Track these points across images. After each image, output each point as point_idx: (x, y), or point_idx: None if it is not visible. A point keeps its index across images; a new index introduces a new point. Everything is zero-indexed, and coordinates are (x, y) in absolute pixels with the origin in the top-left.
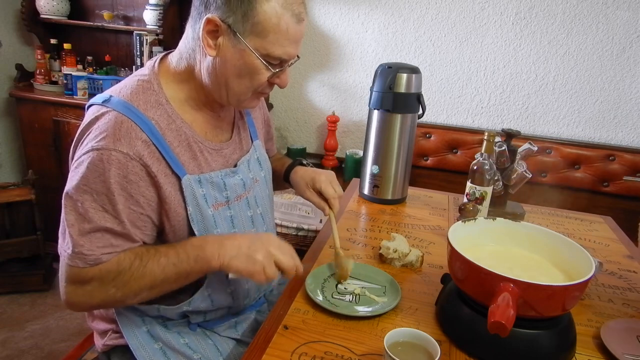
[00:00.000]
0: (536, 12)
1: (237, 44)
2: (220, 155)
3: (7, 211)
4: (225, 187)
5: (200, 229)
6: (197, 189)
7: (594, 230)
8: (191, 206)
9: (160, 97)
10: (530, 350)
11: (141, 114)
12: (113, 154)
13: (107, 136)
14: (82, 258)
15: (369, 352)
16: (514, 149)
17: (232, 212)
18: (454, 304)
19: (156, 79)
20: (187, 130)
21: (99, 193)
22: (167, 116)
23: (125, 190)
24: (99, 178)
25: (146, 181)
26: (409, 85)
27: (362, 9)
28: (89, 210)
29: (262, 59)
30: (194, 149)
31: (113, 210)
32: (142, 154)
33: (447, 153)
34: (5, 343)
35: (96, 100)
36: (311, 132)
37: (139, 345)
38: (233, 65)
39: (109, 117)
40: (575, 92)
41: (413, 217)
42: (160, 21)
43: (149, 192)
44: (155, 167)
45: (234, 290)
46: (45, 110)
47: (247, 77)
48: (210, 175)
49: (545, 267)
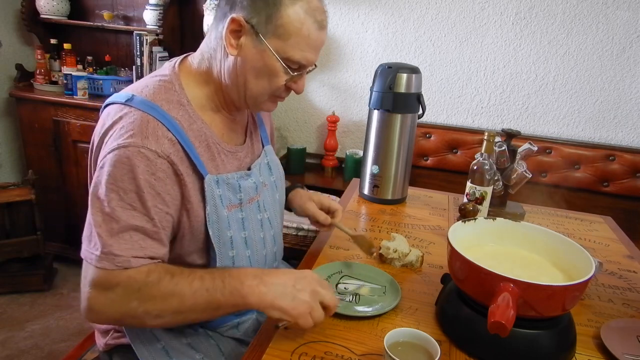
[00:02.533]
0: (536, 12)
1: (259, 44)
2: (235, 158)
3: (7, 211)
4: (240, 189)
5: (214, 229)
6: (215, 190)
7: (594, 230)
8: (209, 206)
9: (181, 98)
10: (530, 350)
11: (165, 112)
12: (141, 151)
13: (135, 134)
14: (112, 259)
15: (369, 352)
16: (514, 149)
17: (243, 214)
18: (454, 304)
19: (177, 79)
20: (206, 131)
21: (126, 191)
22: (188, 116)
23: (153, 187)
24: (127, 175)
25: (172, 179)
26: (409, 85)
27: (362, 9)
28: (116, 209)
29: (282, 62)
30: (213, 150)
31: (142, 208)
32: (169, 152)
33: (447, 153)
34: (5, 343)
35: (117, 99)
36: (311, 132)
37: (141, 344)
38: (253, 66)
39: (134, 116)
40: (575, 92)
41: (413, 217)
42: (160, 21)
43: (174, 190)
44: (181, 166)
45: None
46: (45, 110)
47: (266, 78)
48: (227, 176)
49: (545, 267)
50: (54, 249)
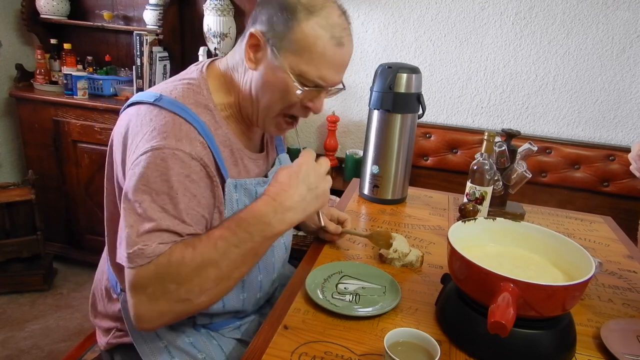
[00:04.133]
0: (536, 12)
1: (274, 59)
2: (255, 165)
3: (7, 211)
4: (256, 195)
5: None
6: (233, 194)
7: (594, 230)
8: (227, 210)
9: (208, 102)
10: (530, 350)
11: (195, 115)
12: (176, 153)
13: (168, 136)
14: (140, 254)
15: (369, 352)
16: (514, 149)
17: None
18: (454, 304)
19: (205, 83)
20: (230, 137)
21: (158, 192)
22: (214, 121)
23: (188, 190)
24: (161, 177)
25: (205, 182)
26: (409, 85)
27: (362, 9)
28: (147, 210)
29: (295, 77)
30: (236, 156)
31: (174, 210)
32: (202, 155)
33: (447, 153)
34: (5, 343)
35: (144, 98)
36: (311, 132)
37: (143, 342)
38: (267, 81)
39: (166, 118)
40: (575, 92)
41: (413, 217)
42: (160, 21)
43: (207, 192)
44: (212, 168)
45: (245, 297)
46: (45, 110)
47: (278, 94)
48: (245, 181)
49: (545, 267)
50: (54, 249)
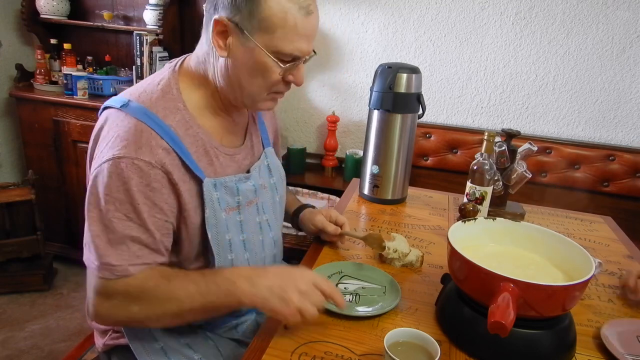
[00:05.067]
0: (536, 12)
1: (246, 42)
2: (233, 161)
3: (7, 211)
4: (238, 192)
5: (213, 233)
6: (213, 193)
7: (594, 230)
8: (208, 209)
9: (178, 103)
10: (530, 350)
11: (160, 121)
12: (135, 163)
13: (128, 144)
14: (110, 269)
15: (369, 352)
16: (514, 149)
17: (242, 217)
18: (454, 304)
19: (176, 83)
20: (203, 136)
21: (122, 202)
22: (184, 122)
23: (148, 198)
24: (122, 187)
25: (168, 188)
26: (409, 85)
27: (362, 9)
28: (112, 220)
29: (272, 56)
30: (211, 154)
31: (138, 219)
32: (164, 161)
33: (447, 153)
34: (5, 343)
35: (114, 103)
36: (311, 132)
37: (139, 344)
38: (244, 65)
39: (129, 125)
40: (575, 92)
41: (413, 217)
42: (160, 21)
43: (171, 199)
44: (176, 174)
45: None
46: (45, 110)
47: (260, 76)
48: (224, 179)
49: (545, 267)
50: (54, 249)
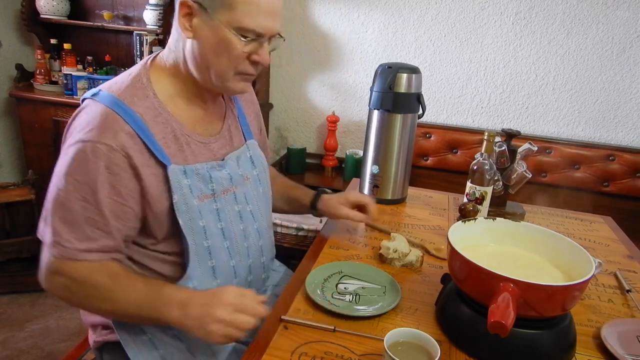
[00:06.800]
0: (536, 12)
1: (210, 21)
2: (207, 149)
3: (7, 211)
4: (211, 180)
5: (185, 219)
6: (183, 180)
7: (594, 230)
8: (177, 195)
9: (147, 91)
10: (530, 350)
11: (126, 106)
12: (97, 146)
13: (93, 129)
14: (60, 248)
15: (369, 352)
16: (514, 149)
17: (218, 205)
18: (454, 304)
19: (146, 74)
20: (174, 123)
21: (81, 183)
22: (153, 109)
23: (107, 181)
24: (83, 169)
25: (129, 172)
26: (409, 85)
27: (362, 9)
28: (70, 199)
29: (235, 32)
30: (181, 141)
31: (94, 201)
32: (125, 145)
33: (447, 153)
34: (5, 343)
35: (88, 94)
36: (311, 132)
37: (128, 337)
38: (209, 44)
39: (96, 110)
40: (575, 92)
41: (413, 217)
42: (160, 21)
43: (132, 183)
44: (139, 158)
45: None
46: (45, 110)
47: (225, 54)
48: (195, 166)
49: (545, 267)
50: None
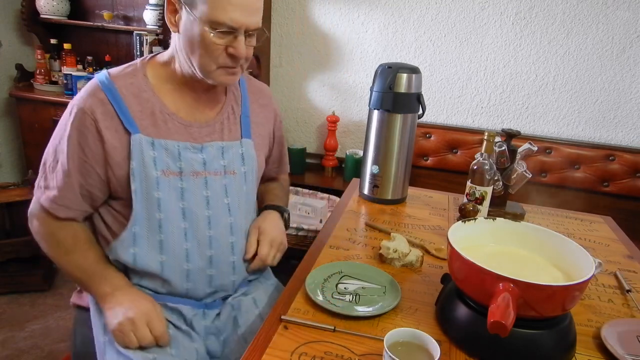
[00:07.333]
0: (536, 12)
1: (189, 15)
2: (186, 131)
3: (7, 211)
4: (180, 158)
5: (138, 186)
6: (148, 150)
7: (594, 230)
8: (135, 162)
9: (137, 73)
10: (530, 350)
11: (110, 81)
12: (74, 109)
13: (80, 95)
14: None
15: (369, 352)
16: (514, 149)
17: (184, 184)
18: (454, 304)
19: (142, 61)
20: (155, 102)
21: (62, 136)
22: (137, 86)
23: (75, 139)
24: (63, 126)
25: (94, 135)
26: (409, 85)
27: (362, 9)
28: (49, 148)
29: (208, 26)
30: (157, 117)
31: (66, 153)
32: (95, 110)
33: (447, 153)
34: (5, 343)
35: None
36: (311, 132)
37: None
38: (190, 38)
39: (88, 83)
40: (575, 92)
41: (413, 217)
42: (160, 21)
43: (95, 145)
44: (106, 123)
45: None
46: (45, 110)
47: (202, 48)
48: (166, 141)
49: (545, 267)
50: None
